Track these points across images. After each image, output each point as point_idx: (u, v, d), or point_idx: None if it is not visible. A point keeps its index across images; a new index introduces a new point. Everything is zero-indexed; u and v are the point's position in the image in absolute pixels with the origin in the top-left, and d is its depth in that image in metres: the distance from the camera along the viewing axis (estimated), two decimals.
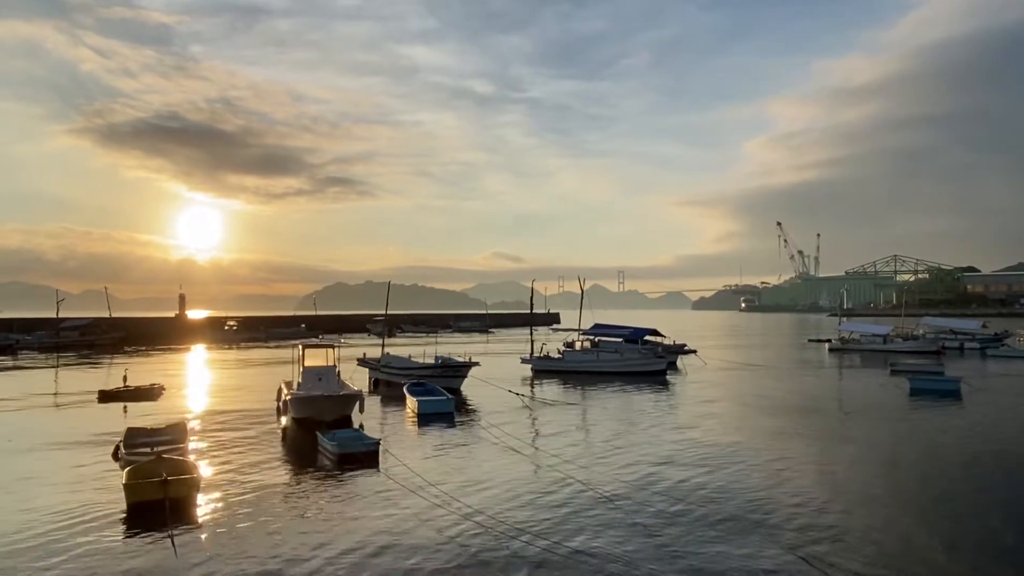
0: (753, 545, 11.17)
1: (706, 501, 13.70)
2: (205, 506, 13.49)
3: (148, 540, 11.52)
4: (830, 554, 10.72)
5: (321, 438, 18.96)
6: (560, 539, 11.47)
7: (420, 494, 14.23)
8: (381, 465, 16.94)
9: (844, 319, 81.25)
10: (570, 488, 14.71)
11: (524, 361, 43.63)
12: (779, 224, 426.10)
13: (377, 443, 18.24)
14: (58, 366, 48.89)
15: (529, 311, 53.52)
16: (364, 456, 17.54)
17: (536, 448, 19.08)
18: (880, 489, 14.90)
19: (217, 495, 14.27)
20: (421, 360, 35.47)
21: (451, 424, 23.30)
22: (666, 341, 48.90)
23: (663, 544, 11.28)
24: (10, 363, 51.47)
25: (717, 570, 10.17)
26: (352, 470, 16.51)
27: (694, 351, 49.58)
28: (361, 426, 21.26)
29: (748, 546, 11.13)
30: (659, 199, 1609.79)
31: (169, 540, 11.28)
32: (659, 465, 16.94)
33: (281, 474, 16.40)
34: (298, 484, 15.46)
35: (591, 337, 45.80)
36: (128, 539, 11.65)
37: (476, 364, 33.79)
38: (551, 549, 11.02)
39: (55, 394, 34.03)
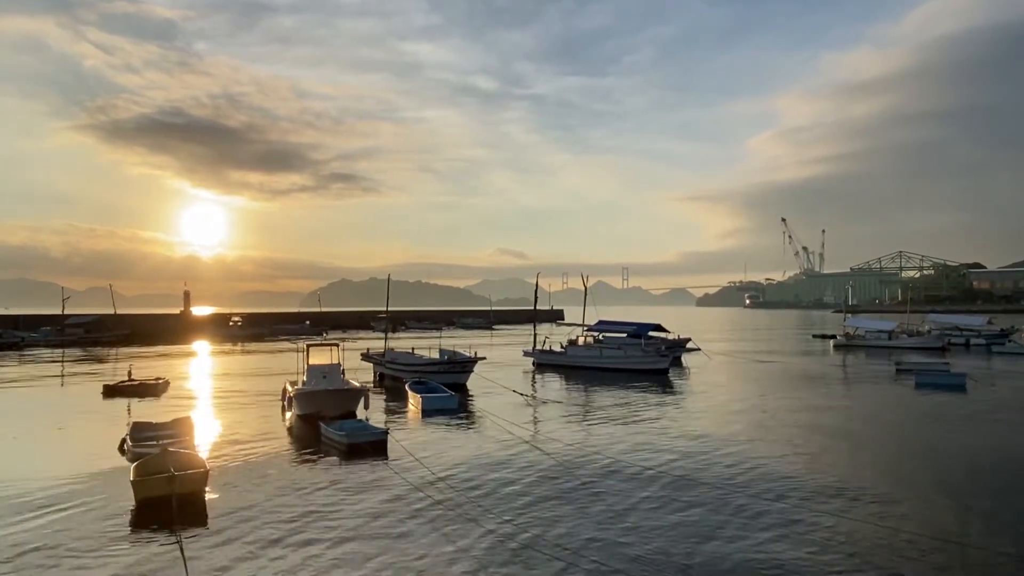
0: (746, 530, 11.21)
1: (707, 497, 13.72)
2: (213, 500, 13.53)
3: (156, 536, 11.55)
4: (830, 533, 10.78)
5: (327, 429, 19.03)
6: (564, 534, 11.51)
7: (429, 484, 14.27)
8: (389, 455, 16.99)
9: (849, 315, 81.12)
10: (573, 486, 14.77)
11: (526, 354, 43.61)
12: (784, 220, 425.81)
13: (385, 432, 18.30)
14: (63, 362, 49.07)
15: (533, 307, 53.26)
16: (372, 446, 17.61)
17: (540, 445, 19.08)
18: (883, 482, 14.89)
19: (225, 489, 14.30)
20: (425, 356, 35.52)
21: (455, 419, 23.32)
22: (670, 336, 48.88)
23: (666, 545, 11.30)
24: (16, 359, 51.67)
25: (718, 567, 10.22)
26: (360, 460, 16.56)
27: (698, 348, 49.54)
28: (366, 419, 21.28)
29: (746, 538, 11.17)
30: (664, 195, 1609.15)
31: (177, 537, 11.29)
32: (662, 463, 16.95)
33: (289, 467, 16.44)
34: (306, 476, 15.49)
35: (594, 333, 45.77)
36: (136, 535, 11.69)
37: (482, 359, 33.81)
38: (556, 544, 11.05)
39: (60, 390, 34.19)
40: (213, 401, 28.75)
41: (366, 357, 36.70)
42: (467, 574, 9.85)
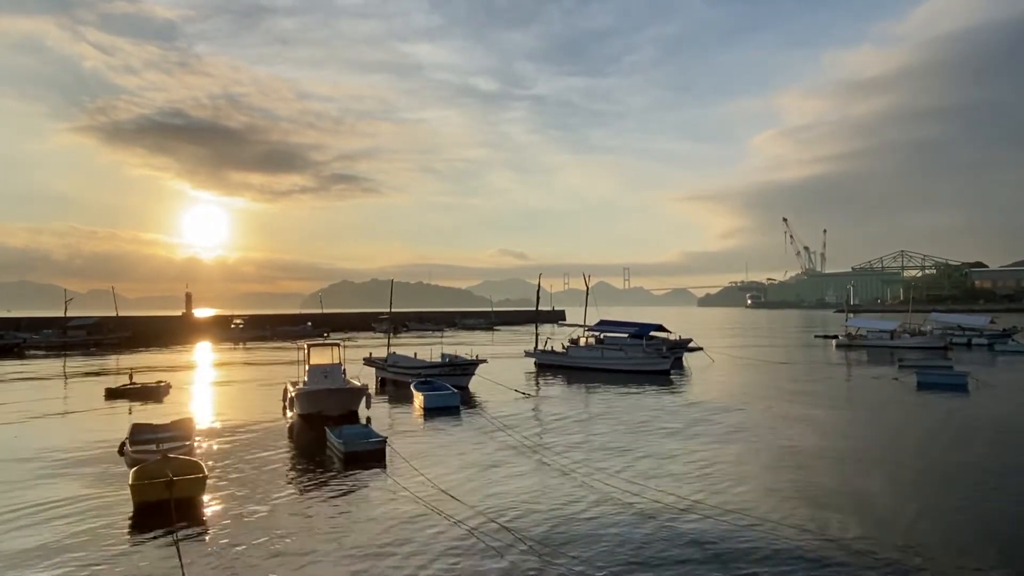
0: (750, 534, 11.14)
1: (710, 495, 13.65)
2: (211, 506, 13.48)
3: (154, 541, 11.50)
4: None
5: (329, 434, 18.99)
6: (563, 537, 11.46)
7: (427, 493, 14.20)
8: (388, 463, 16.95)
9: (851, 315, 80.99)
10: (575, 485, 14.70)
11: (528, 355, 43.57)
12: (785, 220, 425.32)
13: (384, 441, 18.24)
14: (65, 364, 49.07)
15: (535, 308, 53.19)
16: (371, 454, 17.55)
17: (541, 446, 19.02)
18: (885, 481, 14.83)
19: (223, 494, 14.26)
20: (427, 359, 35.52)
21: (457, 421, 23.29)
22: (671, 336, 48.82)
23: (668, 547, 11.24)
24: (18, 362, 51.69)
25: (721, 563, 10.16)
26: (359, 468, 16.50)
27: (700, 348, 49.48)
28: (368, 421, 21.23)
29: (749, 540, 11.10)
30: (665, 195, 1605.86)
31: (175, 542, 11.23)
32: (664, 463, 16.89)
33: (288, 472, 16.39)
34: (305, 483, 15.45)
35: (595, 333, 45.75)
36: (134, 540, 11.64)
37: (483, 362, 33.79)
38: (556, 548, 10.99)
39: (62, 392, 34.18)
40: (214, 403, 28.72)
41: (368, 362, 36.75)
42: None
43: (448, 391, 26.92)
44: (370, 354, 38.66)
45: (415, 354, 37.91)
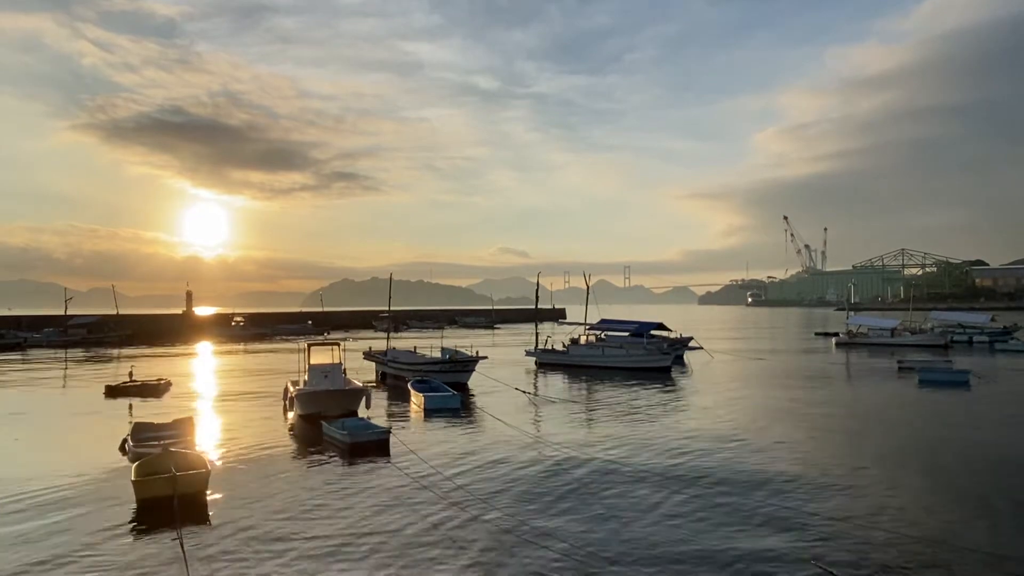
0: (737, 526, 11.18)
1: (717, 485, 13.70)
2: (215, 501, 13.50)
3: (157, 538, 11.51)
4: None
5: (329, 427, 19.01)
6: (562, 531, 11.49)
7: (431, 484, 14.25)
8: (391, 454, 16.98)
9: (851, 313, 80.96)
10: (573, 484, 14.74)
11: (529, 354, 43.61)
12: (786, 218, 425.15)
13: (388, 432, 18.27)
14: (66, 363, 49.12)
15: (535, 306, 53.19)
16: (375, 445, 17.59)
17: (541, 444, 19.05)
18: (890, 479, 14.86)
19: (227, 489, 14.27)
20: (427, 354, 35.56)
21: (458, 418, 23.31)
22: (671, 334, 48.84)
23: (660, 540, 11.28)
24: (19, 360, 51.74)
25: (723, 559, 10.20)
26: (363, 460, 16.54)
27: (700, 347, 49.51)
28: (368, 418, 21.26)
29: (749, 536, 11.13)
30: (666, 193, 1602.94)
31: (178, 537, 11.25)
32: (660, 461, 16.91)
33: (291, 467, 16.42)
34: (309, 476, 15.48)
35: (596, 332, 45.78)
36: (137, 536, 11.67)
37: (484, 358, 33.81)
38: (557, 544, 11.03)
39: (63, 390, 34.22)
40: (215, 401, 28.74)
41: (368, 356, 36.77)
42: (468, 571, 9.85)
43: (448, 392, 26.58)
44: (370, 348, 38.70)
45: (415, 348, 37.93)
